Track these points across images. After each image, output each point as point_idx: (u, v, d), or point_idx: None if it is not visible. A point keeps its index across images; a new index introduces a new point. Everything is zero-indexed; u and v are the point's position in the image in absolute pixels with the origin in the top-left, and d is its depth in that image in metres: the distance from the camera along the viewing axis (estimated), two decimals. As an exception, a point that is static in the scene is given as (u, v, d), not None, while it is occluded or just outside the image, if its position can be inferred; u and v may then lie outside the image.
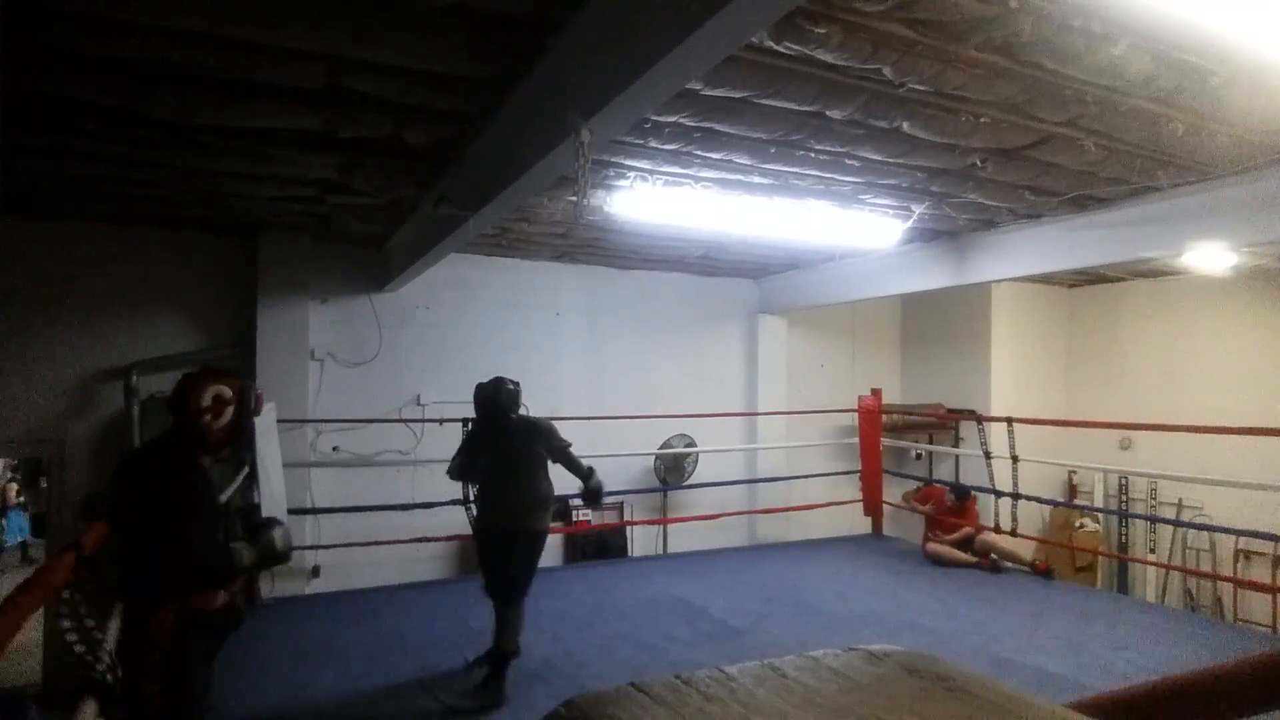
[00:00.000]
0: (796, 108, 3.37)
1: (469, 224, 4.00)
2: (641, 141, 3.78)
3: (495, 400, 3.92)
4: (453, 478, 4.26)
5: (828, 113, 3.43)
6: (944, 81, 3.08)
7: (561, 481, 4.06)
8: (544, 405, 6.13)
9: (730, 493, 7.60)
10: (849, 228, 5.35)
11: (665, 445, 7.22)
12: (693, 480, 7.34)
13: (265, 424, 4.89)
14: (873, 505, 7.40)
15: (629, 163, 4.26)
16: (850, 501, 7.47)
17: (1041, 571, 5.83)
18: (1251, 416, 6.49)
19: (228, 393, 2.56)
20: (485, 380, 3.99)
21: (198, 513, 2.41)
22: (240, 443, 2.71)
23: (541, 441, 3.96)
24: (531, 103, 3.04)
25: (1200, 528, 6.79)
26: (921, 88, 3.18)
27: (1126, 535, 8.04)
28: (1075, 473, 8.17)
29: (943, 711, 1.94)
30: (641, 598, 5.31)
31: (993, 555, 6.06)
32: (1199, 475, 6.23)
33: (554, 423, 4.11)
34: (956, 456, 8.00)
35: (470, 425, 4.15)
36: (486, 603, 4.00)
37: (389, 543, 5.85)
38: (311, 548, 5.85)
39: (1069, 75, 3.09)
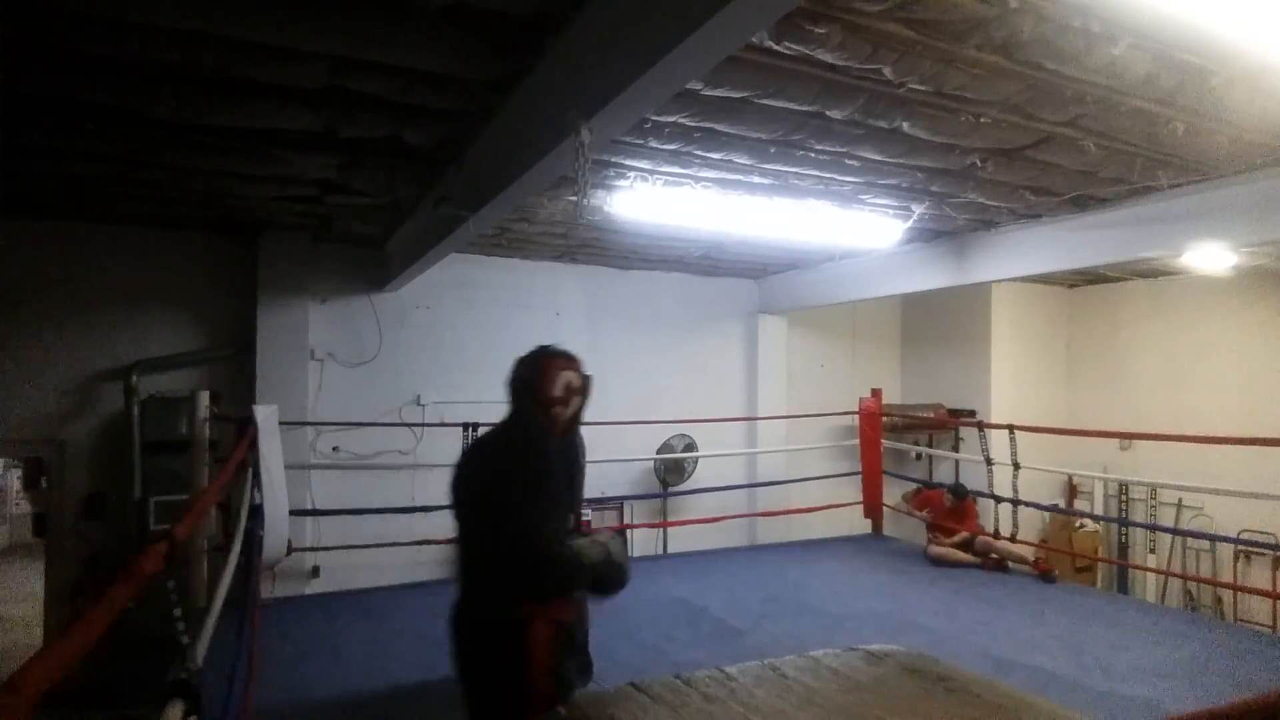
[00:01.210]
0: (796, 108, 3.37)
1: (469, 224, 4.00)
2: (641, 141, 3.78)
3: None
4: None
5: (828, 113, 3.43)
6: (944, 81, 3.08)
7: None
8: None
9: (731, 494, 7.59)
10: (849, 228, 5.35)
11: (665, 446, 7.22)
12: (693, 481, 7.34)
13: (268, 425, 4.89)
14: (873, 507, 7.40)
15: (629, 163, 4.26)
16: (850, 504, 7.47)
17: (1043, 571, 5.83)
18: (1251, 417, 6.50)
19: (577, 381, 2.43)
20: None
21: (541, 502, 2.18)
22: (575, 433, 2.52)
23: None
24: (531, 103, 3.04)
25: (1201, 536, 6.78)
26: (921, 88, 3.18)
27: (1126, 535, 8.05)
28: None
29: (943, 711, 1.94)
30: (641, 598, 5.29)
31: (993, 554, 6.07)
32: (1199, 476, 6.23)
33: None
34: (956, 461, 7.99)
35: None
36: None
37: (389, 545, 5.85)
38: (312, 549, 5.85)
39: (1069, 75, 3.09)
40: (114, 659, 4.09)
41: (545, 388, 2.36)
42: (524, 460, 2.24)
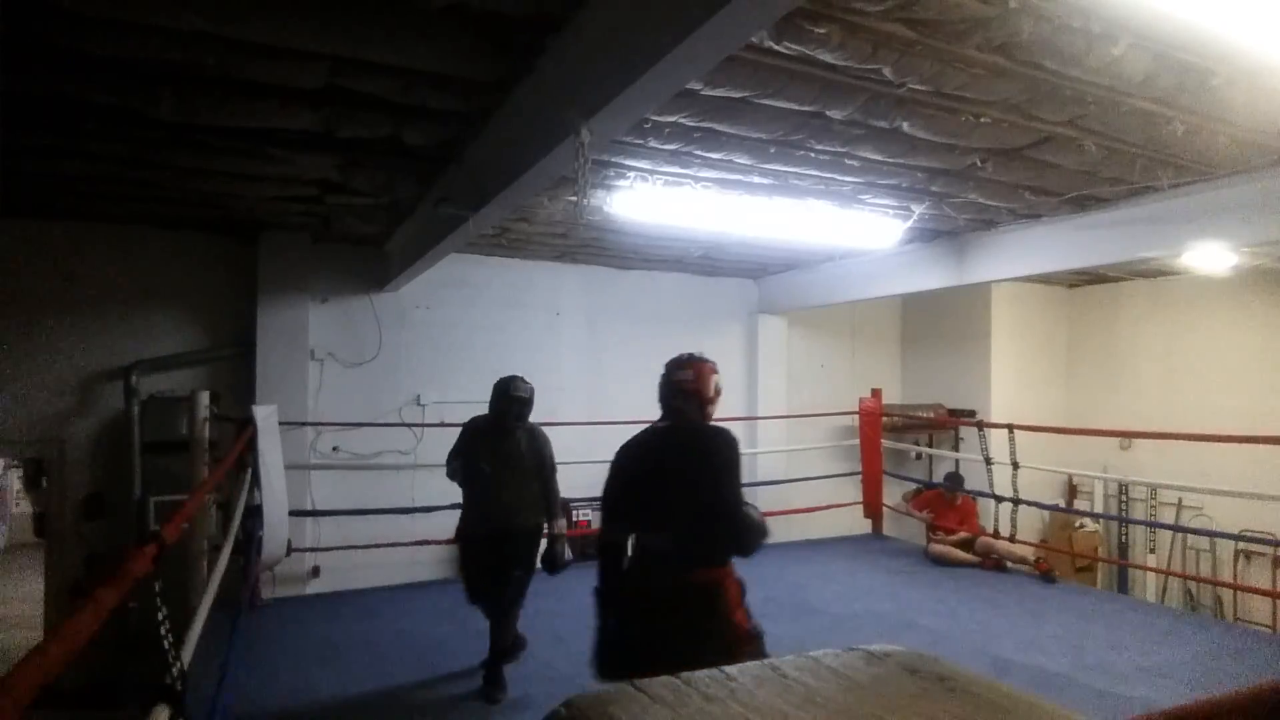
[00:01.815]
0: (796, 108, 3.37)
1: (469, 224, 4.00)
2: (641, 141, 3.78)
3: (529, 401, 3.93)
4: (452, 479, 4.24)
5: (828, 113, 3.43)
6: (944, 81, 3.08)
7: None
8: (544, 406, 6.09)
9: (730, 493, 7.59)
10: (849, 228, 5.35)
11: (665, 445, 7.21)
12: (693, 480, 7.32)
13: (268, 425, 4.89)
14: (873, 507, 7.40)
15: (629, 163, 4.26)
16: (850, 504, 7.47)
17: (1043, 571, 5.84)
18: (1251, 416, 6.49)
19: (721, 383, 2.75)
20: (506, 377, 3.96)
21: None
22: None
23: (545, 449, 3.98)
24: (531, 103, 3.04)
25: (1201, 533, 6.78)
26: (921, 88, 3.18)
27: (1127, 535, 8.05)
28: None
29: (943, 711, 1.94)
30: (641, 598, 5.30)
31: (993, 554, 6.08)
32: (1199, 475, 6.24)
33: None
34: (956, 460, 7.99)
35: (473, 421, 4.12)
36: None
37: (389, 545, 5.85)
38: (312, 549, 5.85)
39: (1069, 75, 3.08)
40: (114, 659, 4.10)
41: (704, 390, 2.71)
42: (732, 449, 2.63)
